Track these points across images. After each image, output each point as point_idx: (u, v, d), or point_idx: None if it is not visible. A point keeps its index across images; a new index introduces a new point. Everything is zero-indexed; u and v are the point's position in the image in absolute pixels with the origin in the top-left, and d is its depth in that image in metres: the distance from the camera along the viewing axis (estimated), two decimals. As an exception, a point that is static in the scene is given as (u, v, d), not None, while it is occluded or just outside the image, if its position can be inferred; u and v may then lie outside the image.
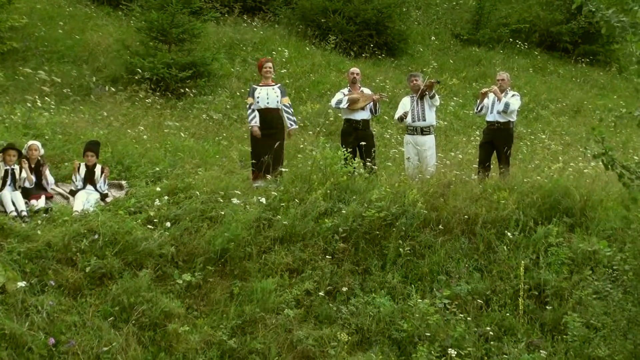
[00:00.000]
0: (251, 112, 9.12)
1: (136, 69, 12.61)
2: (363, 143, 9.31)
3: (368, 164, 8.92)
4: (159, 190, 7.81)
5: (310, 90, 14.55)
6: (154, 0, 13.76)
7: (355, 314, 6.90)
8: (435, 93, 9.58)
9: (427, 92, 9.48)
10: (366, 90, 9.86)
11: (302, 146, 10.86)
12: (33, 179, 7.84)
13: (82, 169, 8.09)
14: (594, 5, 5.86)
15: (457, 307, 7.05)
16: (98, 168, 8.12)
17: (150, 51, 13.28)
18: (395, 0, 18.14)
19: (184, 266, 7.01)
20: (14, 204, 7.42)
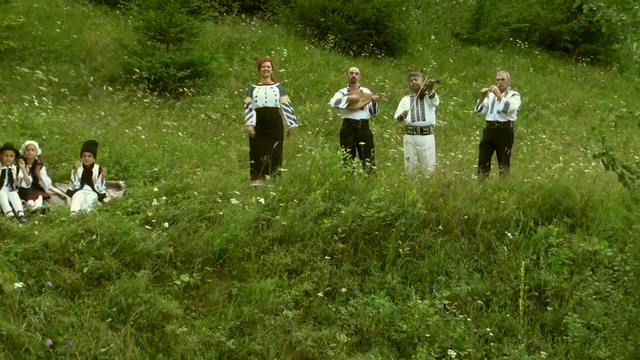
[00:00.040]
0: (248, 111, 9.10)
1: (134, 69, 12.57)
2: (362, 143, 9.28)
3: (367, 164, 8.89)
4: (156, 190, 7.77)
5: (309, 90, 14.51)
6: (151, -1, 13.76)
7: (354, 314, 6.87)
8: (434, 93, 9.55)
9: (426, 92, 9.45)
10: (365, 90, 9.82)
11: (301, 146, 10.82)
12: (30, 179, 7.80)
13: (80, 169, 8.05)
14: (594, 3, 5.84)
15: (457, 308, 7.03)
16: (95, 168, 8.07)
17: (148, 50, 13.23)
18: (394, -1, 18.14)
19: (182, 267, 6.97)
20: (11, 204, 7.38)
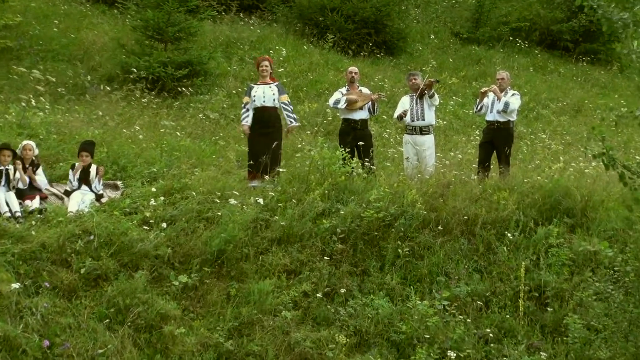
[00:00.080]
0: (245, 111, 9.10)
1: (132, 68, 12.53)
2: (361, 143, 9.25)
3: (366, 164, 8.86)
4: (154, 190, 7.74)
5: (308, 90, 14.48)
6: (149, -2, 13.71)
7: (353, 315, 6.84)
8: (434, 92, 9.51)
9: (426, 92, 9.42)
10: (364, 90, 9.79)
11: (299, 146, 10.79)
12: (27, 180, 7.76)
13: (75, 167, 8.01)
14: (595, 2, 5.82)
15: (457, 309, 6.99)
16: (93, 168, 8.04)
17: (146, 50, 13.19)
18: (393, -2, 18.10)
19: (180, 267, 6.94)
20: (7, 205, 7.34)
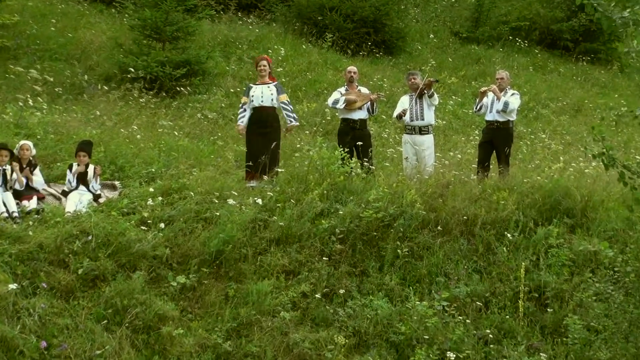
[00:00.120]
0: (242, 111, 9.10)
1: (129, 68, 12.48)
2: (360, 143, 9.21)
3: (365, 164, 8.82)
4: (152, 190, 7.72)
5: (307, 89, 14.44)
6: (147, -2, 13.66)
7: (352, 316, 6.81)
8: (434, 92, 9.48)
9: (425, 91, 9.38)
10: (363, 90, 9.77)
11: (298, 146, 10.77)
12: (24, 182, 7.73)
13: (75, 169, 7.99)
14: (595, 0, 5.80)
15: (456, 310, 6.96)
16: (91, 168, 8.02)
17: (143, 49, 13.15)
18: (393, -3, 18.05)
19: (178, 268, 6.91)
20: (5, 205, 7.31)
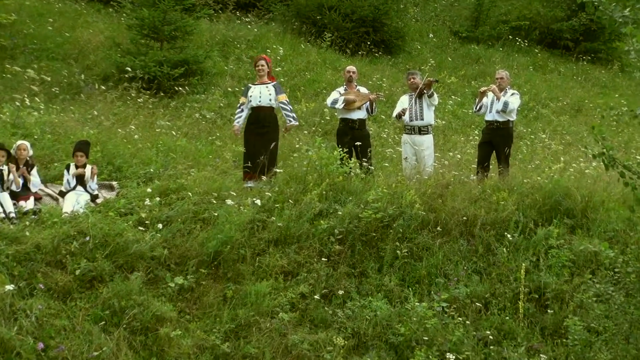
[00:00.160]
0: (240, 111, 9.10)
1: (127, 68, 12.44)
2: (359, 143, 9.18)
3: (364, 164, 8.79)
4: (150, 191, 7.69)
5: (306, 89, 14.41)
6: (145, -3, 13.61)
7: (351, 317, 6.78)
8: (433, 92, 9.44)
9: (425, 91, 9.35)
10: (362, 89, 9.73)
11: (297, 146, 10.74)
12: (20, 183, 7.70)
13: (72, 169, 7.97)
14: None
15: (456, 311, 6.94)
16: (88, 168, 8.00)
17: (141, 49, 13.11)
18: (392, -4, 18.00)
19: (176, 269, 6.88)
20: (1, 206, 7.29)
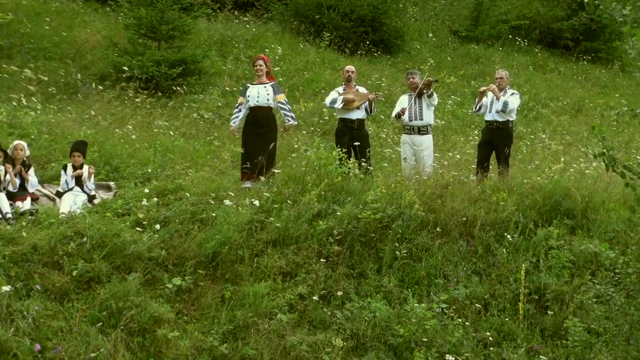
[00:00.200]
0: (237, 112, 9.10)
1: (124, 67, 12.39)
2: (357, 143, 9.15)
3: (363, 164, 8.76)
4: (147, 191, 7.65)
5: (304, 89, 14.38)
6: (143, -4, 13.56)
7: (350, 318, 6.76)
8: (433, 92, 9.42)
9: (425, 91, 9.32)
10: (361, 89, 9.72)
11: (296, 146, 10.71)
12: (17, 183, 7.64)
13: (70, 169, 7.91)
14: (598, -1, 5.79)
15: (455, 312, 6.93)
16: (85, 169, 7.94)
17: (139, 49, 13.05)
18: (391, -4, 17.96)
19: (173, 270, 6.85)
20: (-2, 206, 7.24)
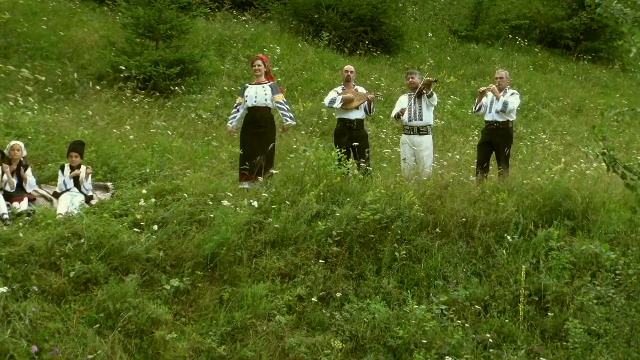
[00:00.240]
0: (235, 112, 9.09)
1: (121, 67, 12.35)
2: (356, 144, 9.12)
3: (362, 164, 8.73)
4: (145, 192, 7.63)
5: (303, 89, 14.35)
6: (140, -4, 13.51)
7: (349, 320, 6.73)
8: (432, 92, 9.39)
9: (424, 91, 9.29)
10: (360, 89, 9.70)
11: (294, 146, 10.69)
12: (14, 183, 7.62)
13: (67, 170, 7.88)
14: (600, -1, 5.76)
15: (455, 313, 6.89)
16: (82, 169, 7.91)
17: (136, 48, 13.01)
18: (391, -5, 17.93)
19: (171, 271, 6.82)
20: (-5, 207, 7.21)
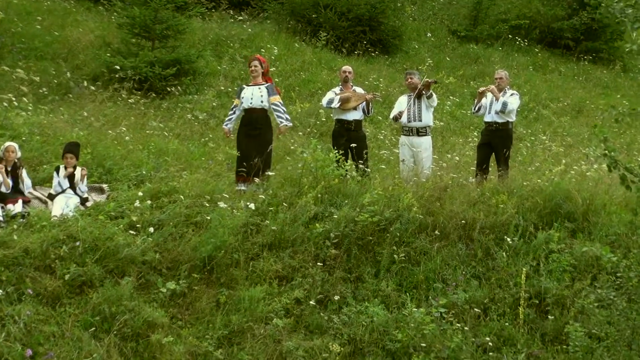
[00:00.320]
0: (231, 113, 9.07)
1: (116, 67, 12.29)
2: (354, 145, 9.08)
3: (360, 166, 8.69)
4: (141, 194, 7.57)
5: (301, 89, 14.35)
6: (136, -5, 13.46)
7: (347, 323, 6.69)
8: (432, 93, 9.35)
9: (424, 92, 9.25)
10: (359, 90, 9.67)
11: (292, 147, 10.65)
12: (10, 184, 7.55)
13: (62, 172, 7.82)
14: (601, -1, 5.74)
15: (454, 317, 6.85)
16: (78, 171, 7.85)
17: (132, 48, 12.97)
18: (389, -5, 17.92)
19: (168, 274, 6.77)
20: (-11, 209, 7.16)
